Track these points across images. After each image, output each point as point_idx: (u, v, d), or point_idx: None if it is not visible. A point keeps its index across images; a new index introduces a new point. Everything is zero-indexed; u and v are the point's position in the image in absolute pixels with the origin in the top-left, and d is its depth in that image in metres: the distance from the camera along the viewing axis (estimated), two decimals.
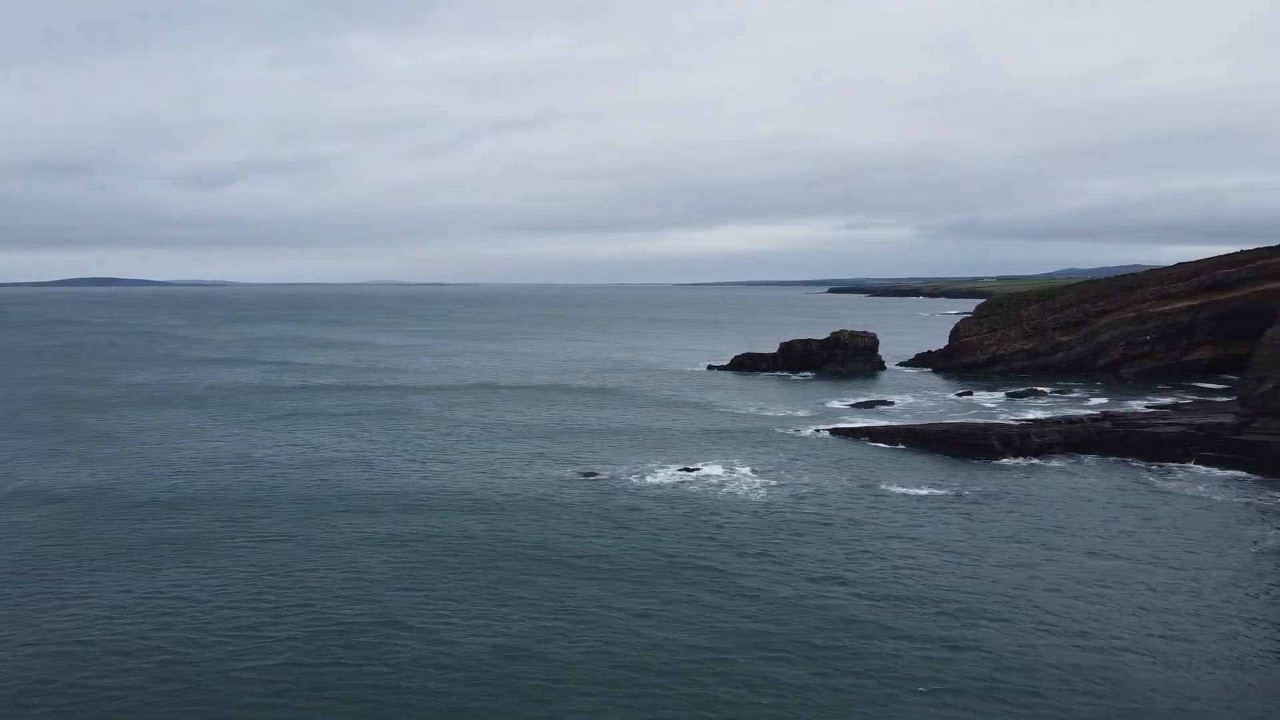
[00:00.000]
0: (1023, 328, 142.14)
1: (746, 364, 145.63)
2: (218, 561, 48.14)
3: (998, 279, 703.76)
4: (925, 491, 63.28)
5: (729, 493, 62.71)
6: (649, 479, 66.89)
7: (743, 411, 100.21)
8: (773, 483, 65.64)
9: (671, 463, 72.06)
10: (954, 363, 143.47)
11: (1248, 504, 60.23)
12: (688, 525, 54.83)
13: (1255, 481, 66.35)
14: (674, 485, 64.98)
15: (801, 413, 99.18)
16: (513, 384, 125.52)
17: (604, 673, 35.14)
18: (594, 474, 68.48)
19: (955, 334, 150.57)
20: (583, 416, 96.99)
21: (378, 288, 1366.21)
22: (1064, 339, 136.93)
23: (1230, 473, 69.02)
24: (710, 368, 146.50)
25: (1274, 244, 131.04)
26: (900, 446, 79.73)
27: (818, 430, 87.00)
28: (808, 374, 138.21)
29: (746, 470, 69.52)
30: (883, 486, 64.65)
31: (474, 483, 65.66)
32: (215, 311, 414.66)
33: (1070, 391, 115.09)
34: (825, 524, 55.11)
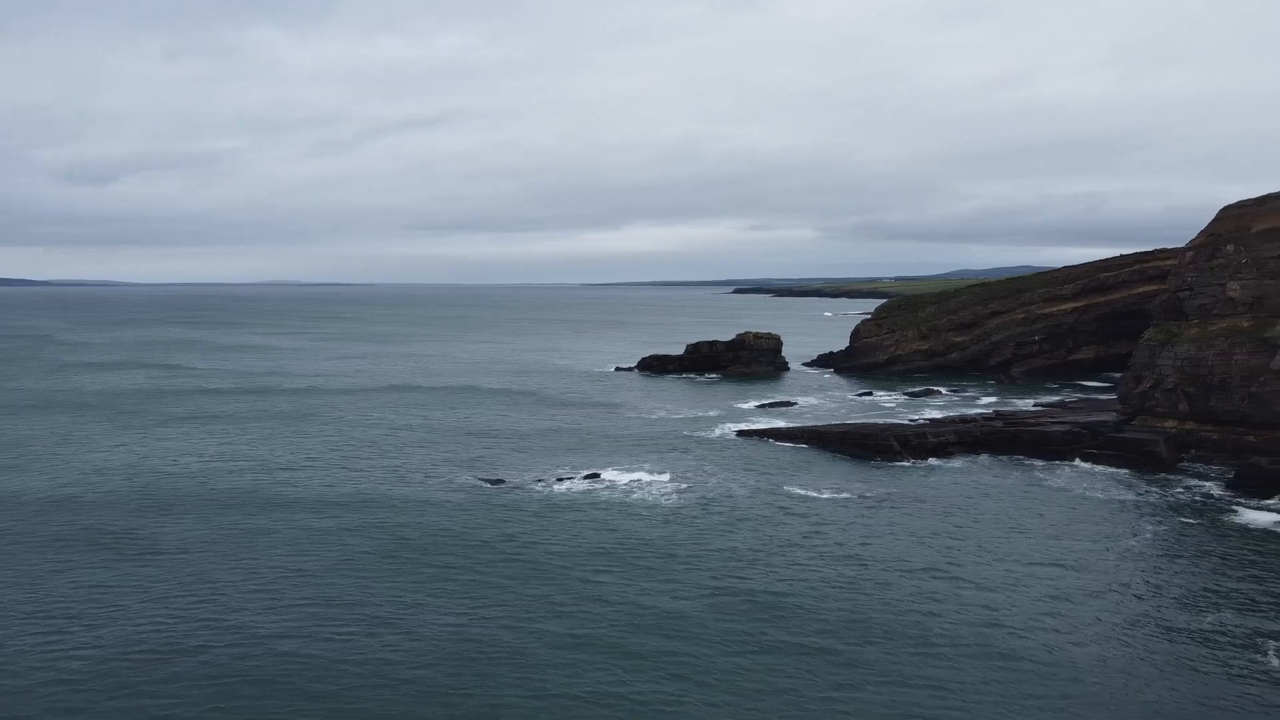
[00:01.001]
0: (920, 329, 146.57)
1: (654, 366, 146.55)
2: (101, 575, 46.05)
3: (896, 279, 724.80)
4: (827, 495, 64.64)
5: (638, 498, 62.92)
6: (557, 485, 66.65)
7: (651, 414, 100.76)
8: (681, 486, 66.16)
9: (580, 467, 71.97)
10: (855, 363, 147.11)
11: (1127, 500, 63.33)
12: (595, 533, 54.82)
13: (1134, 477, 69.80)
14: (583, 492, 64.88)
15: (708, 414, 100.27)
16: (418, 387, 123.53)
17: (491, 687, 34.90)
18: (501, 480, 67.92)
19: (856, 335, 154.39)
20: (489, 420, 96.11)
21: (276, 288, 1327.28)
22: (958, 339, 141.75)
23: (1112, 469, 72.45)
24: (618, 369, 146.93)
25: (1149, 248, 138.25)
26: (804, 447, 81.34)
27: (724, 432, 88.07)
28: (714, 375, 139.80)
29: (655, 474, 69.90)
30: (788, 488, 65.80)
31: (375, 489, 64.36)
32: (103, 313, 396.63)
33: (965, 390, 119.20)
34: (732, 528, 55.80)
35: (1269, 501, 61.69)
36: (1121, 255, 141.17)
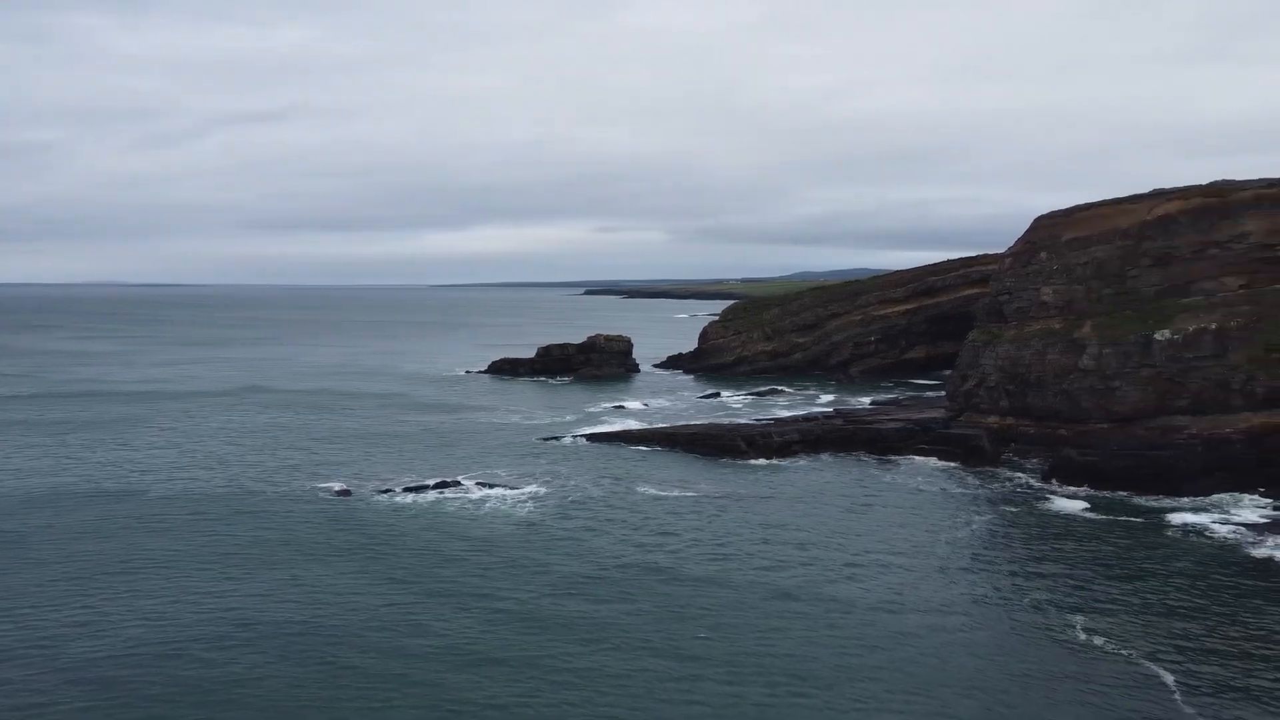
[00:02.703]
0: (764, 330, 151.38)
1: (505, 369, 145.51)
2: None
3: (742, 280, 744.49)
4: (677, 494, 65.92)
5: (492, 506, 62.36)
6: (406, 494, 65.29)
7: (503, 419, 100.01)
8: (536, 491, 65.98)
9: (431, 474, 70.69)
10: (703, 364, 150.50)
11: (956, 491, 67.48)
12: (446, 542, 54.04)
13: (962, 470, 74.41)
14: (433, 501, 63.77)
15: (562, 418, 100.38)
16: (258, 392, 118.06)
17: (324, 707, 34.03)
18: (347, 491, 65.97)
19: (704, 337, 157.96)
20: (334, 426, 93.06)
21: (98, 289, 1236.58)
22: (801, 340, 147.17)
23: (942, 463, 76.98)
24: (468, 373, 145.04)
25: (974, 253, 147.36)
26: (656, 449, 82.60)
27: (578, 436, 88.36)
28: (565, 378, 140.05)
29: (508, 480, 69.42)
30: (642, 490, 66.70)
31: (210, 498, 61.28)
32: None
33: (807, 389, 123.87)
34: (588, 532, 56.12)
35: (1079, 490, 67.01)
36: (948, 260, 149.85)
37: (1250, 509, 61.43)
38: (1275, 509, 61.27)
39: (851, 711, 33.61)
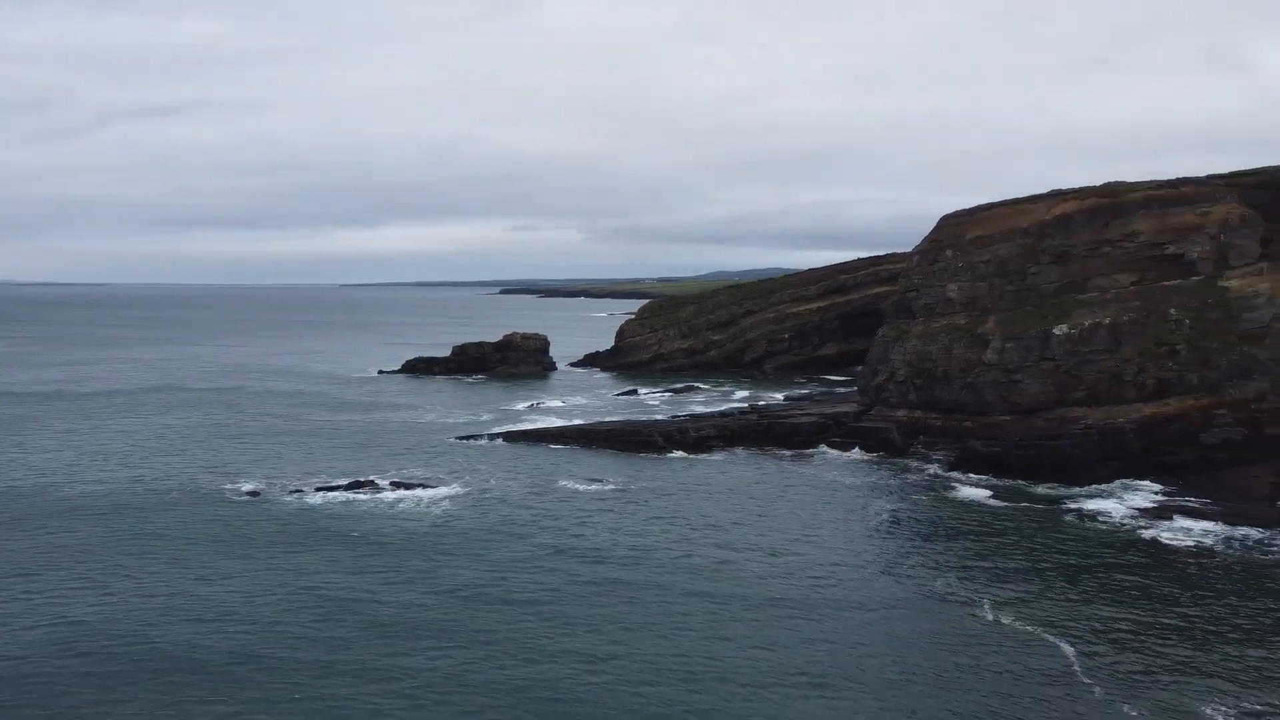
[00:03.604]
0: (680, 328, 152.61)
1: (419, 368, 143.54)
2: None
3: (658, 280, 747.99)
4: (596, 489, 66.05)
5: (407, 506, 61.50)
6: (315, 494, 63.93)
7: (419, 418, 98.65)
8: (453, 491, 65.30)
9: (344, 474, 69.34)
10: (620, 362, 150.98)
11: (867, 482, 69.17)
12: (354, 543, 53.14)
13: (873, 462, 76.31)
14: (345, 501, 62.55)
15: (478, 417, 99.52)
16: (161, 391, 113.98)
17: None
18: (255, 492, 64.29)
19: (621, 334, 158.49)
20: (242, 427, 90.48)
21: None
22: (716, 338, 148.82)
23: (854, 456, 78.80)
24: (381, 373, 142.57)
25: (882, 252, 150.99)
26: (574, 447, 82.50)
27: (494, 434, 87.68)
28: (481, 376, 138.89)
29: (425, 479, 68.56)
30: (560, 486, 66.61)
31: (111, 500, 58.99)
32: None
33: (723, 386, 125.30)
34: (506, 530, 55.81)
35: (983, 478, 69.40)
36: (858, 259, 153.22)
37: (1140, 495, 64.47)
38: (1163, 494, 64.44)
39: (770, 698, 34.20)
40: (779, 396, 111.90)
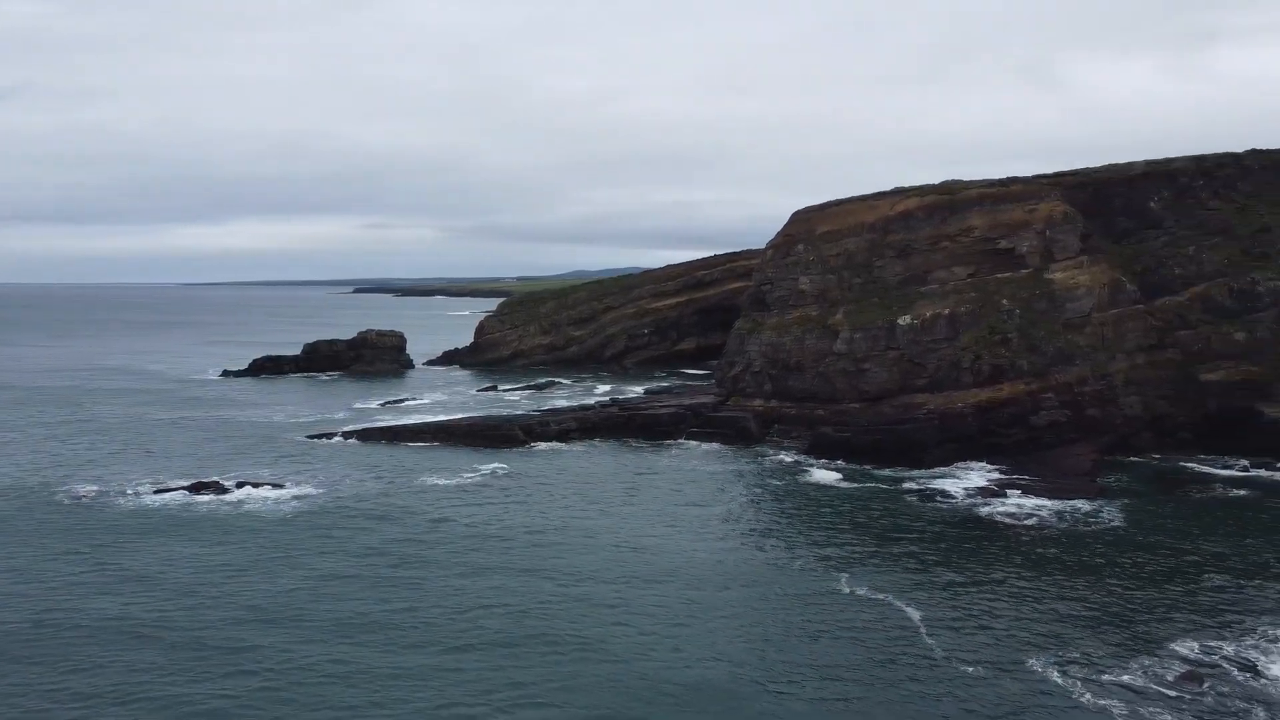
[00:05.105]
0: (541, 324, 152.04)
1: (268, 368, 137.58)
2: None
3: (518, 279, 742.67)
4: (456, 483, 65.01)
5: (253, 507, 58.81)
6: (156, 495, 60.47)
7: (268, 418, 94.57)
8: (303, 491, 62.88)
9: (183, 476, 65.77)
10: (479, 359, 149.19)
11: (726, 470, 70.68)
12: (200, 548, 50.57)
13: (731, 451, 78.00)
14: (184, 504, 59.30)
15: (332, 415, 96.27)
16: None
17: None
18: (80, 496, 60.20)
19: (480, 331, 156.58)
20: (74, 428, 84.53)
21: None
22: (577, 334, 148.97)
23: (713, 445, 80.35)
24: (226, 373, 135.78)
25: (738, 249, 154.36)
26: (432, 444, 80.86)
27: (346, 433, 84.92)
28: (335, 375, 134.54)
29: (273, 480, 65.76)
30: (413, 484, 65.12)
31: None
32: None
33: (585, 381, 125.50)
34: (350, 529, 54.21)
35: (834, 463, 72.04)
36: (716, 255, 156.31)
37: (977, 475, 68.29)
38: (998, 473, 68.47)
39: (636, 684, 34.47)
40: (639, 390, 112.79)
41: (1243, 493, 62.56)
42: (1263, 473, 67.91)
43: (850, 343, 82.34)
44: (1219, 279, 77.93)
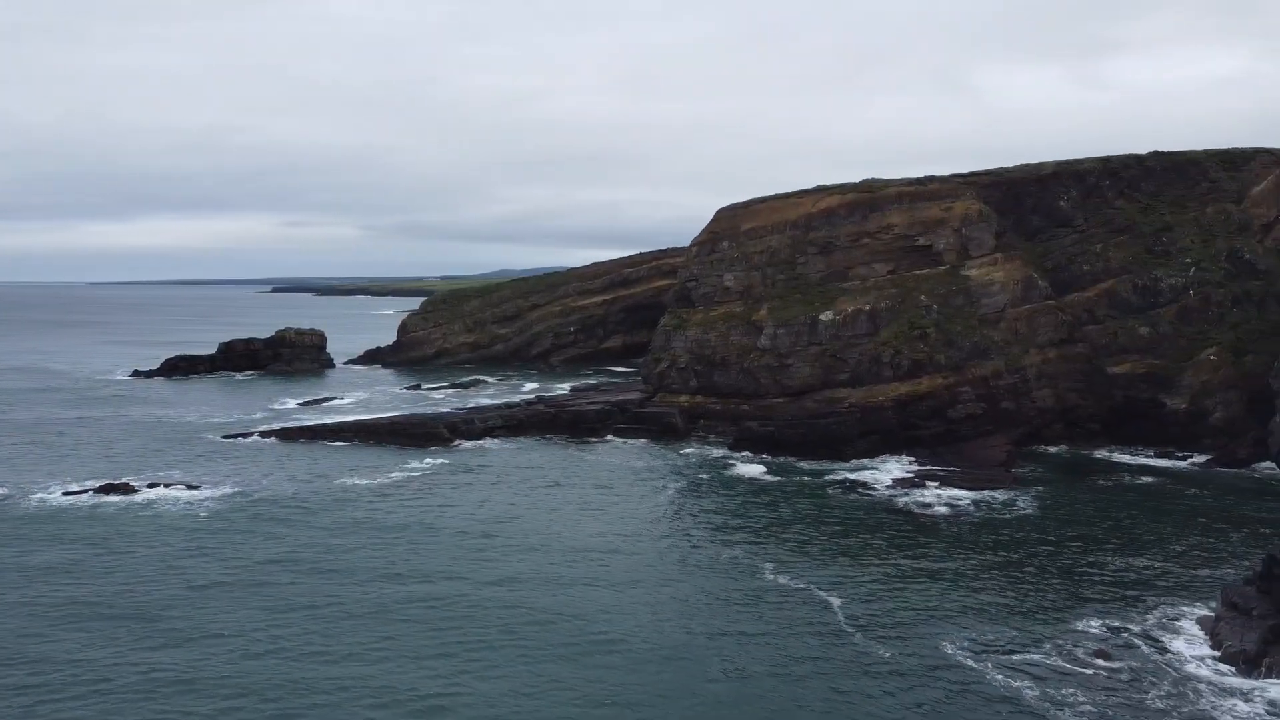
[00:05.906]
0: (465, 322, 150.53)
1: (181, 367, 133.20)
2: None
3: (441, 278, 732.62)
4: (380, 482, 63.91)
5: (165, 509, 56.83)
6: (61, 498, 58.10)
7: (181, 418, 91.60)
8: (218, 492, 60.96)
9: (91, 477, 63.27)
10: (402, 357, 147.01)
11: (653, 465, 70.89)
12: (95, 549, 48.74)
13: (658, 446, 78.25)
14: (93, 506, 57.05)
15: (247, 415, 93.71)
16: None
17: None
18: None
19: (403, 329, 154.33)
20: None
21: None
22: (502, 332, 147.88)
23: (639, 440, 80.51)
24: (136, 374, 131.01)
25: (663, 248, 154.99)
26: (354, 443, 79.31)
27: (264, 432, 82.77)
28: (252, 374, 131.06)
29: (186, 481, 63.64)
30: (333, 484, 63.73)
31: None
32: None
33: (510, 379, 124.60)
34: (262, 532, 52.84)
35: (759, 457, 72.84)
36: (641, 253, 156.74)
37: (896, 467, 69.79)
38: (917, 464, 70.02)
39: (567, 658, 34.31)
40: (566, 387, 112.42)
41: (1148, 480, 65.19)
42: (1165, 461, 70.89)
43: (774, 338, 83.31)
44: (1124, 275, 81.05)
